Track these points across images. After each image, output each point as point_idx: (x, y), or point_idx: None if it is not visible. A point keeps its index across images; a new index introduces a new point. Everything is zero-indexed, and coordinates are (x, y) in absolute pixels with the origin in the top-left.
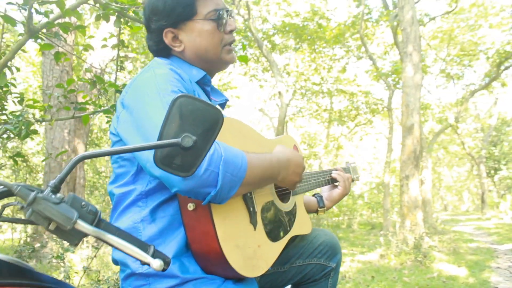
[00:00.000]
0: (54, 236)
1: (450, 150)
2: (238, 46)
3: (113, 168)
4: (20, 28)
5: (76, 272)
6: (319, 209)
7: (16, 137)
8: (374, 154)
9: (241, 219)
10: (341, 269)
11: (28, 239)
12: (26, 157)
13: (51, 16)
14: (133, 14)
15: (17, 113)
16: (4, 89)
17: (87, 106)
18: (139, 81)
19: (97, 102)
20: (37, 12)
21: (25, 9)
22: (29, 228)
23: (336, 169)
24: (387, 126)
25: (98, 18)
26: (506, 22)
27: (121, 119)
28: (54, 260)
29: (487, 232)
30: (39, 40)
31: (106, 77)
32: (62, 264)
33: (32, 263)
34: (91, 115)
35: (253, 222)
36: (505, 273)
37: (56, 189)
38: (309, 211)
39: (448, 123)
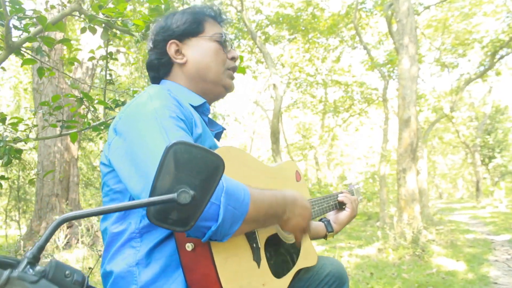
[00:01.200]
0: None
1: (444, 139)
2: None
3: (103, 202)
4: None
5: None
6: (327, 233)
7: None
8: (369, 144)
9: (243, 256)
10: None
11: (22, 239)
12: (19, 155)
13: (32, 30)
14: (121, 25)
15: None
16: None
17: (75, 124)
18: (134, 106)
19: (85, 120)
20: (16, 28)
21: (2, 25)
22: (24, 227)
23: (342, 192)
24: (383, 117)
25: (83, 30)
26: (500, 10)
27: (113, 146)
28: (47, 260)
29: (483, 222)
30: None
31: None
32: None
33: None
34: (79, 132)
35: (257, 259)
36: (503, 267)
37: (34, 260)
38: (316, 237)
39: (443, 112)
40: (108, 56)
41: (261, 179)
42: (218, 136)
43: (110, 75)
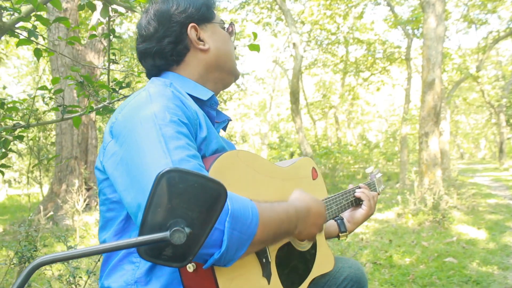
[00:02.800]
0: (68, 198)
1: (468, 99)
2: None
3: (100, 211)
4: None
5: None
6: (340, 234)
7: None
8: (391, 102)
9: (252, 274)
10: (358, 230)
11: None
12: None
13: (24, 9)
14: (122, 1)
15: None
16: None
17: (76, 108)
18: (132, 107)
19: (87, 103)
20: (4, 8)
21: None
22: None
23: (359, 187)
24: (405, 76)
25: (81, 7)
26: None
27: (108, 151)
28: (68, 222)
29: (506, 185)
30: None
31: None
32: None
33: (49, 226)
34: (83, 116)
35: (267, 275)
36: None
37: None
38: (327, 237)
39: (468, 72)
40: (111, 34)
41: (272, 184)
42: (224, 127)
43: (114, 54)
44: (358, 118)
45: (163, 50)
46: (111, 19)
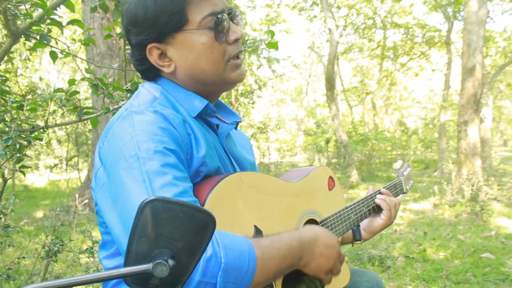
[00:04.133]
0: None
1: None
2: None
3: (100, 230)
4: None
5: None
6: (354, 242)
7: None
8: (430, 87)
9: None
10: None
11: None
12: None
13: (35, 15)
14: None
15: (6, 137)
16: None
17: (93, 110)
18: (115, 131)
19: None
20: (15, 16)
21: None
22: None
23: (381, 192)
24: (445, 61)
25: (94, 9)
26: None
27: (99, 179)
28: None
29: None
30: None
31: None
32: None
33: (85, 212)
34: (100, 117)
35: None
36: None
37: None
38: (341, 243)
39: None
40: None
41: (281, 203)
42: (235, 127)
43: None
44: (396, 104)
45: (137, 68)
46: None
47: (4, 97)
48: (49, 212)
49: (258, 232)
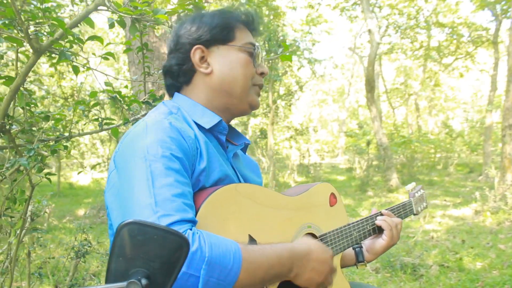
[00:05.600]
0: None
1: None
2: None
3: (109, 234)
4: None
5: None
6: (358, 263)
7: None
8: (477, 88)
9: None
10: (429, 227)
11: None
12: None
13: (57, 33)
14: (151, 16)
15: (29, 147)
16: (27, 108)
17: (113, 121)
18: (130, 137)
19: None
20: (36, 35)
21: (22, 31)
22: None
23: (382, 213)
24: (492, 62)
25: (112, 25)
26: None
27: (111, 180)
28: None
29: None
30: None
31: None
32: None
33: None
34: (120, 127)
35: None
36: None
37: None
38: (344, 265)
39: None
40: (144, 47)
41: (278, 216)
42: (244, 149)
43: (148, 67)
44: (441, 105)
45: (171, 69)
46: (143, 34)
47: (30, 109)
48: (90, 210)
49: (252, 241)
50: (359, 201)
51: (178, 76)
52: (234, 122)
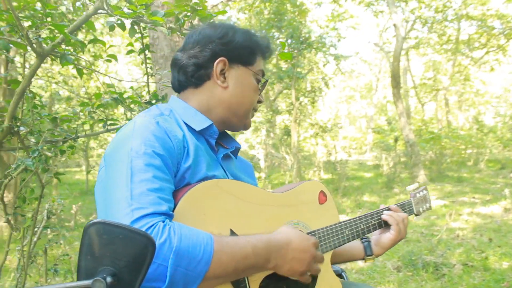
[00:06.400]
0: None
1: None
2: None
3: None
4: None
5: None
6: (366, 257)
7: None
8: (510, 82)
9: None
10: (455, 225)
11: None
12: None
13: (60, 37)
14: (149, 19)
15: (34, 148)
16: (34, 110)
17: (118, 122)
18: (119, 136)
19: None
20: (37, 40)
21: (23, 36)
22: None
23: (389, 208)
24: None
25: (112, 28)
26: None
27: (100, 177)
28: None
29: None
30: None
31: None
32: None
33: None
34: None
35: None
36: None
37: None
38: (351, 259)
39: None
40: (146, 49)
41: (263, 212)
42: (235, 153)
43: (151, 68)
44: (471, 100)
45: (186, 68)
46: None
47: (38, 111)
48: None
49: (233, 236)
50: (384, 198)
51: (192, 76)
52: (259, 120)
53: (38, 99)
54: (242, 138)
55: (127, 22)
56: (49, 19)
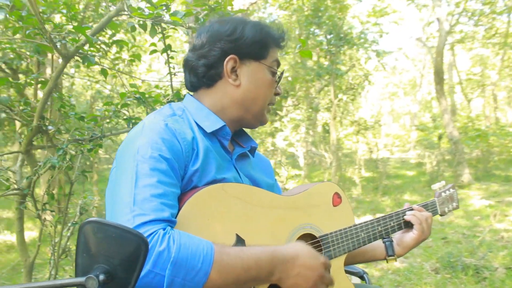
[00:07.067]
0: None
1: None
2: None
3: None
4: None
5: None
6: (388, 257)
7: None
8: None
9: None
10: (500, 226)
11: None
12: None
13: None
14: (170, 19)
15: (59, 146)
16: (62, 110)
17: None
18: (129, 136)
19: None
20: (60, 42)
21: (47, 40)
22: None
23: (412, 208)
24: None
25: (133, 29)
26: None
27: (111, 176)
28: None
29: None
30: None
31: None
32: None
33: None
34: None
35: None
36: None
37: None
38: (371, 259)
39: None
40: (168, 49)
41: (271, 215)
42: (252, 151)
43: (173, 67)
44: None
45: (197, 69)
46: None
47: (65, 111)
48: None
49: (239, 241)
50: (426, 197)
51: (203, 77)
52: (298, 117)
53: (66, 99)
54: (281, 136)
55: (150, 23)
56: (74, 22)
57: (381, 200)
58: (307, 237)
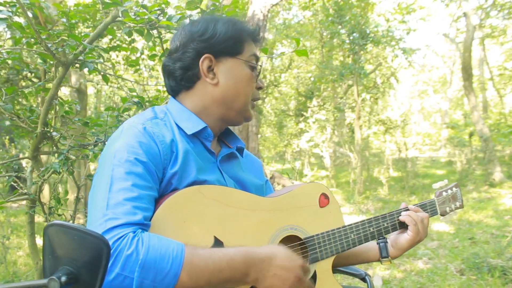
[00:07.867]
0: None
1: None
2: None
3: None
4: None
5: None
6: (381, 259)
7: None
8: None
9: None
10: None
11: None
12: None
13: (81, 47)
14: (165, 23)
15: (60, 152)
16: (67, 116)
17: None
18: (109, 140)
19: None
20: (57, 50)
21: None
22: None
23: (407, 209)
24: None
25: (130, 34)
26: None
27: (93, 181)
28: None
29: None
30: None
31: None
32: None
33: None
34: None
35: None
36: None
37: None
38: (365, 261)
39: None
40: (166, 52)
41: (252, 217)
42: (240, 151)
43: None
44: None
45: (174, 73)
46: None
47: (69, 117)
48: None
49: (218, 243)
50: None
51: (181, 80)
52: (324, 118)
53: (68, 106)
54: (306, 137)
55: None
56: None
57: (408, 200)
58: (292, 239)
